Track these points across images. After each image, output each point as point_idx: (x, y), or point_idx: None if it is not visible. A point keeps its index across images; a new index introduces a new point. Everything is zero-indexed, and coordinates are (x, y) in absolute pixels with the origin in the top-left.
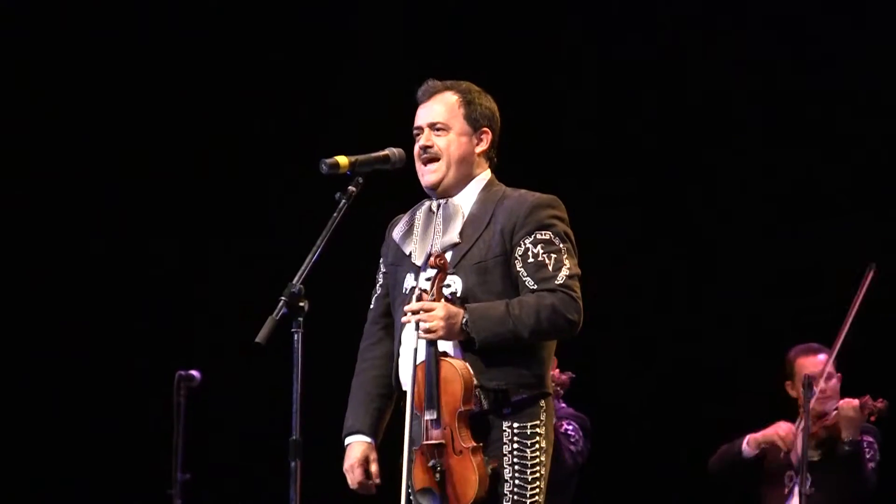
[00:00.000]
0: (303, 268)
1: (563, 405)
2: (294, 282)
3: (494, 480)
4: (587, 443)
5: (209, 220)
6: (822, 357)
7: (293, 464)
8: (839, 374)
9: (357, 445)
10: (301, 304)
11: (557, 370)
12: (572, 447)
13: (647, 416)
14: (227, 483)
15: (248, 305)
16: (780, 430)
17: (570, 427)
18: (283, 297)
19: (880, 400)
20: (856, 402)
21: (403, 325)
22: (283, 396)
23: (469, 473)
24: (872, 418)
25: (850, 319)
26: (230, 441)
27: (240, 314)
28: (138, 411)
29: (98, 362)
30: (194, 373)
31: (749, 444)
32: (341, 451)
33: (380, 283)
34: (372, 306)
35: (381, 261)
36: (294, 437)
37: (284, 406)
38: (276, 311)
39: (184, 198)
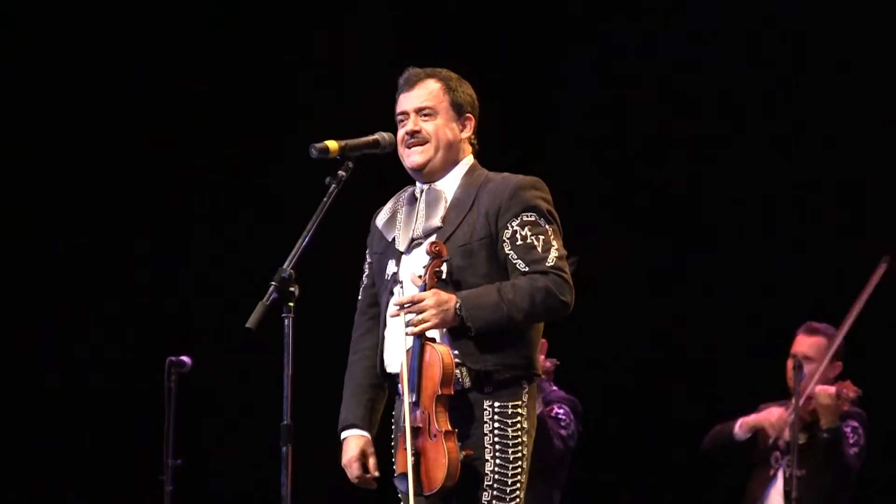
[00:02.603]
0: (293, 253)
1: (555, 388)
2: (284, 267)
3: (469, 469)
4: (578, 426)
5: (198, 206)
6: (816, 338)
7: (284, 449)
8: (839, 363)
9: (353, 440)
10: (291, 289)
11: (543, 356)
12: (563, 431)
13: (638, 398)
14: (219, 469)
15: (239, 291)
16: (772, 416)
17: (562, 411)
18: (273, 283)
19: (854, 389)
20: (832, 389)
21: (387, 309)
22: (273, 381)
23: (440, 457)
24: (846, 407)
25: (857, 311)
26: (221, 427)
27: (230, 300)
28: (129, 397)
29: (89, 348)
30: (185, 359)
31: (741, 427)
32: (333, 435)
33: (366, 273)
34: (360, 297)
35: (367, 251)
36: (285, 422)
37: (275, 391)
38: (267, 296)
39: (172, 182)
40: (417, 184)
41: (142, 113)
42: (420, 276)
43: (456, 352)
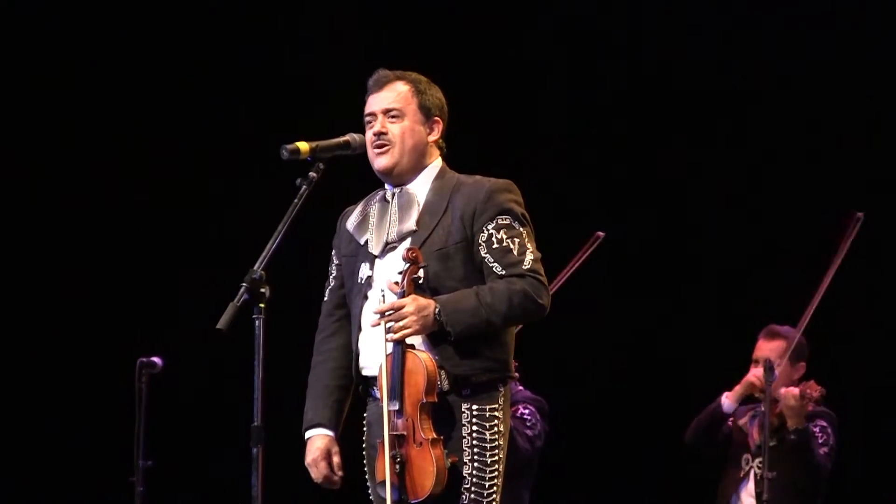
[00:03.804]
0: (264, 254)
1: (521, 388)
2: (255, 268)
3: (454, 475)
4: (545, 425)
5: (169, 208)
6: (777, 342)
7: (255, 450)
8: (802, 364)
9: (318, 439)
10: (262, 290)
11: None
12: (528, 432)
13: (608, 398)
14: (190, 470)
15: (210, 292)
16: (753, 374)
17: (527, 411)
18: (244, 284)
19: (817, 388)
20: (795, 390)
21: (361, 313)
22: (244, 383)
23: (427, 465)
24: (811, 407)
25: (834, 271)
26: (192, 428)
27: (201, 300)
28: (100, 398)
29: (60, 349)
30: (156, 359)
31: (728, 397)
32: (303, 437)
33: (333, 274)
34: (326, 298)
35: (332, 252)
36: (256, 424)
37: (246, 392)
38: (238, 297)
39: (142, 185)
40: (387, 187)
41: (115, 119)
42: (397, 283)
43: (436, 357)
